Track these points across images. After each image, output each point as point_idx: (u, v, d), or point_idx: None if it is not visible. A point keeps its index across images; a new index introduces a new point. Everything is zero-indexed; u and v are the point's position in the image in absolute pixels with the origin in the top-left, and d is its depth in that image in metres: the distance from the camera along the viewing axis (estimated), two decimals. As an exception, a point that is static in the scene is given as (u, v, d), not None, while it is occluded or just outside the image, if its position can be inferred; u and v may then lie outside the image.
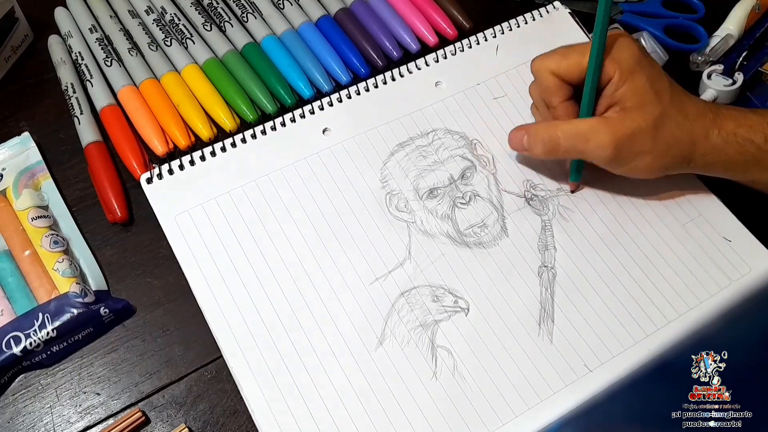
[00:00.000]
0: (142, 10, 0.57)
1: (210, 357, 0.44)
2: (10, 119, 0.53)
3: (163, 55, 0.54)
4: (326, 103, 0.50)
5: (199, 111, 0.51)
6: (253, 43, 0.55)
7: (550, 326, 0.44)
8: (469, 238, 0.46)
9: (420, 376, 0.42)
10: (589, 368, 0.42)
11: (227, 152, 0.48)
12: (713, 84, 0.54)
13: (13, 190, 0.48)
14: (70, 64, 0.54)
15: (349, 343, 0.42)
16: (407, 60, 0.54)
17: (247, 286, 0.43)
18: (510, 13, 0.56)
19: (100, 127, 0.51)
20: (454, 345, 0.43)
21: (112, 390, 0.43)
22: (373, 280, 0.44)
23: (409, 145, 0.49)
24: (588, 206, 0.48)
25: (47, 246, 0.45)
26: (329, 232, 0.46)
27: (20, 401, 0.43)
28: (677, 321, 0.44)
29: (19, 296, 0.44)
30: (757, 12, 0.59)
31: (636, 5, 0.60)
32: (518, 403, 0.41)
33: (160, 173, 0.47)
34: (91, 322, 0.44)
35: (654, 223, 0.47)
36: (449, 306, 0.44)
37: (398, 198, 0.47)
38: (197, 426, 0.42)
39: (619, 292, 0.45)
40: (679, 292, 0.45)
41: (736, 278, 0.46)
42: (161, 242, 0.46)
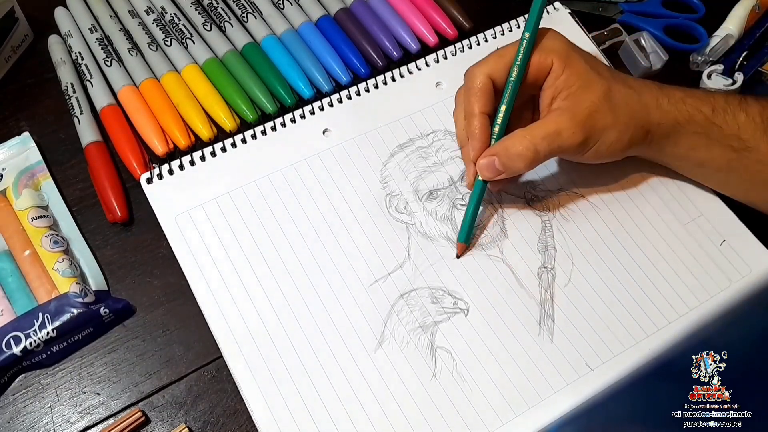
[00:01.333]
0: (142, 10, 0.57)
1: (210, 357, 0.44)
2: (10, 119, 0.53)
3: (163, 55, 0.54)
4: (326, 104, 0.50)
5: (199, 111, 0.51)
6: (253, 43, 0.55)
7: (550, 326, 0.44)
8: (469, 240, 0.46)
9: (420, 377, 0.42)
10: (591, 367, 0.42)
11: (227, 152, 0.48)
12: (713, 84, 0.54)
13: (13, 190, 0.48)
14: (70, 64, 0.54)
15: (348, 344, 0.42)
16: (407, 60, 0.54)
17: (247, 287, 0.43)
18: (510, 14, 0.56)
19: (100, 127, 0.51)
20: (453, 346, 0.43)
21: (112, 390, 0.43)
22: (372, 281, 0.44)
23: (409, 146, 0.49)
24: (588, 206, 0.48)
25: (47, 246, 0.45)
26: (329, 233, 0.46)
27: (20, 401, 0.43)
28: (678, 321, 0.44)
29: (19, 296, 0.44)
30: (757, 12, 0.59)
31: (636, 5, 0.60)
32: (519, 402, 0.41)
33: (160, 173, 0.47)
34: (91, 322, 0.44)
35: (655, 223, 0.47)
36: (449, 307, 0.44)
37: (398, 199, 0.47)
38: (197, 426, 0.42)
39: (619, 292, 0.45)
40: (679, 293, 0.45)
41: (737, 279, 0.46)
42: (161, 242, 0.46)
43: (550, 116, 0.43)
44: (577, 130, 0.42)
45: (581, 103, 0.42)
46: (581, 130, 0.42)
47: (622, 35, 0.57)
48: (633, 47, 0.56)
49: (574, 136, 0.42)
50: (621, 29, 0.57)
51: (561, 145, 0.43)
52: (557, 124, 0.42)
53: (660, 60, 0.56)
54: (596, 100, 0.42)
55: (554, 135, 0.42)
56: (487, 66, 0.44)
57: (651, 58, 0.56)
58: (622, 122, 0.43)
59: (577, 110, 0.42)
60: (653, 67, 0.56)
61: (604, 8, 0.59)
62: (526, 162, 0.43)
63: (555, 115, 0.43)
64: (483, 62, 0.45)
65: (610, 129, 0.43)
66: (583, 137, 0.42)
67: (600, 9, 0.59)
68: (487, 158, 0.44)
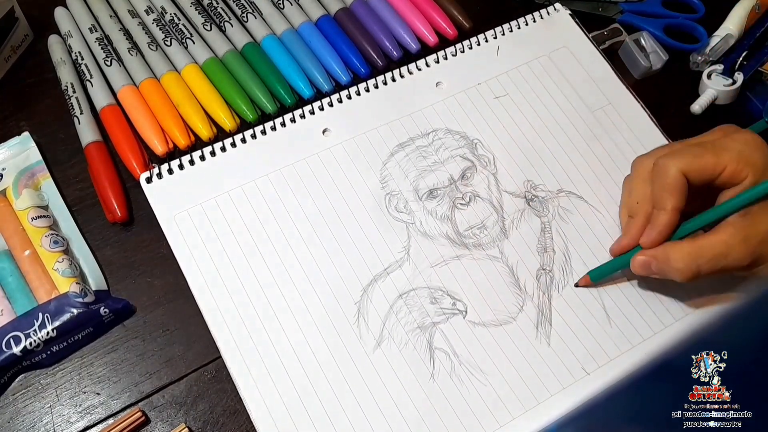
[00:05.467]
0: (142, 9, 0.57)
1: (210, 357, 0.44)
2: (10, 119, 0.53)
3: (163, 55, 0.54)
4: (326, 104, 0.50)
5: (199, 111, 0.51)
6: (253, 43, 0.55)
7: (547, 329, 0.44)
8: (469, 240, 0.46)
9: (418, 378, 0.42)
10: (587, 371, 0.42)
11: (227, 152, 0.48)
12: (713, 84, 0.54)
13: (13, 190, 0.48)
14: (70, 64, 0.54)
15: (346, 344, 0.42)
16: (407, 60, 0.54)
17: (246, 286, 0.44)
18: (510, 14, 0.56)
19: (100, 127, 0.51)
20: (451, 347, 0.43)
21: (112, 390, 0.43)
22: (371, 281, 0.44)
23: (409, 145, 0.49)
24: (587, 208, 0.48)
25: (47, 246, 0.45)
26: (328, 232, 0.46)
27: (20, 401, 0.43)
28: (675, 325, 0.44)
29: (19, 296, 0.44)
30: (757, 12, 0.58)
31: (636, 5, 0.59)
32: (515, 405, 0.41)
33: (160, 173, 0.47)
34: (91, 322, 0.44)
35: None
36: (447, 308, 0.44)
37: (398, 199, 0.47)
38: (197, 426, 0.42)
39: (616, 296, 0.45)
40: (677, 297, 0.45)
41: (736, 282, 0.45)
42: (161, 242, 0.46)
43: (722, 234, 0.41)
44: (746, 255, 0.40)
45: (757, 227, 0.40)
46: (750, 255, 0.40)
47: (622, 35, 0.57)
48: (633, 47, 0.56)
49: (741, 261, 0.40)
50: (621, 29, 0.57)
51: (725, 267, 0.41)
52: (727, 246, 0.40)
53: (660, 60, 0.56)
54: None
55: (721, 257, 0.40)
56: (684, 163, 0.42)
57: (651, 58, 0.56)
58: None
59: (751, 233, 0.40)
60: (653, 67, 0.56)
61: (604, 8, 0.59)
62: (683, 278, 0.41)
63: (727, 234, 0.40)
64: (677, 157, 0.42)
65: None
66: (749, 262, 0.41)
67: (600, 9, 0.59)
68: (647, 258, 0.42)
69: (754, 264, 0.41)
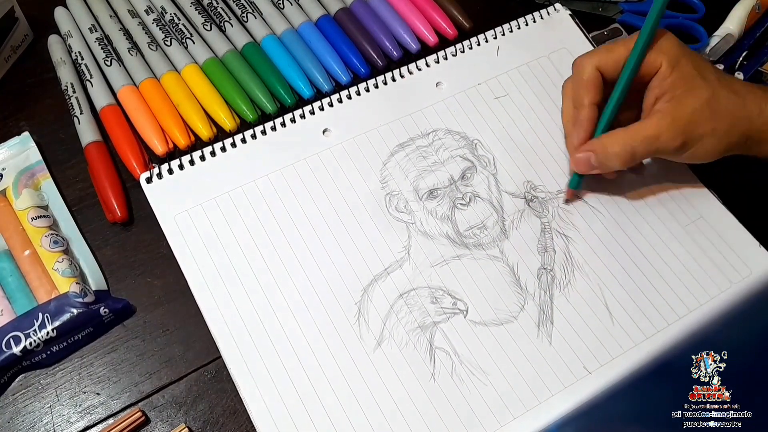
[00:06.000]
0: (142, 9, 0.57)
1: (210, 357, 0.44)
2: (10, 119, 0.53)
3: (163, 55, 0.54)
4: (326, 104, 0.50)
5: (199, 111, 0.51)
6: (253, 43, 0.55)
7: (549, 328, 0.44)
8: (469, 240, 0.46)
9: (418, 378, 0.42)
10: (588, 370, 0.42)
11: (227, 152, 0.48)
12: (713, 84, 0.54)
13: (13, 190, 0.48)
14: (70, 64, 0.54)
15: (347, 344, 0.42)
16: (407, 60, 0.54)
17: (246, 286, 0.43)
18: (510, 14, 0.56)
19: (100, 127, 0.51)
20: (452, 346, 0.43)
21: (112, 390, 0.43)
22: (372, 281, 0.44)
23: (410, 145, 0.49)
24: (588, 208, 0.48)
25: (47, 246, 0.45)
26: (328, 232, 0.46)
27: (20, 401, 0.43)
28: (677, 324, 0.44)
29: (19, 296, 0.44)
30: (757, 12, 0.59)
31: (636, 5, 0.59)
32: (516, 405, 0.41)
33: (160, 173, 0.47)
34: (91, 322, 0.44)
35: (654, 225, 0.47)
36: (448, 308, 0.44)
37: (398, 199, 0.47)
38: (197, 426, 0.42)
39: (618, 294, 0.45)
40: (679, 295, 0.45)
41: (737, 281, 0.46)
42: (161, 242, 0.46)
43: (651, 119, 0.44)
44: (676, 135, 0.43)
45: (683, 108, 0.43)
46: (680, 135, 0.43)
47: (622, 35, 0.57)
48: (633, 47, 0.56)
49: (673, 141, 0.43)
50: (621, 29, 0.57)
51: (658, 149, 0.44)
52: (657, 127, 0.43)
53: (660, 60, 0.56)
54: (698, 107, 0.43)
55: (653, 138, 0.43)
56: (597, 58, 0.45)
57: (651, 58, 0.56)
58: (722, 129, 0.43)
59: (678, 115, 0.43)
60: (653, 67, 0.56)
61: (604, 8, 0.60)
62: (622, 162, 0.44)
63: (656, 118, 0.43)
64: (592, 54, 0.46)
65: (708, 136, 0.43)
66: (681, 142, 0.43)
67: (600, 9, 0.59)
68: (584, 153, 0.45)
69: (686, 145, 0.44)
